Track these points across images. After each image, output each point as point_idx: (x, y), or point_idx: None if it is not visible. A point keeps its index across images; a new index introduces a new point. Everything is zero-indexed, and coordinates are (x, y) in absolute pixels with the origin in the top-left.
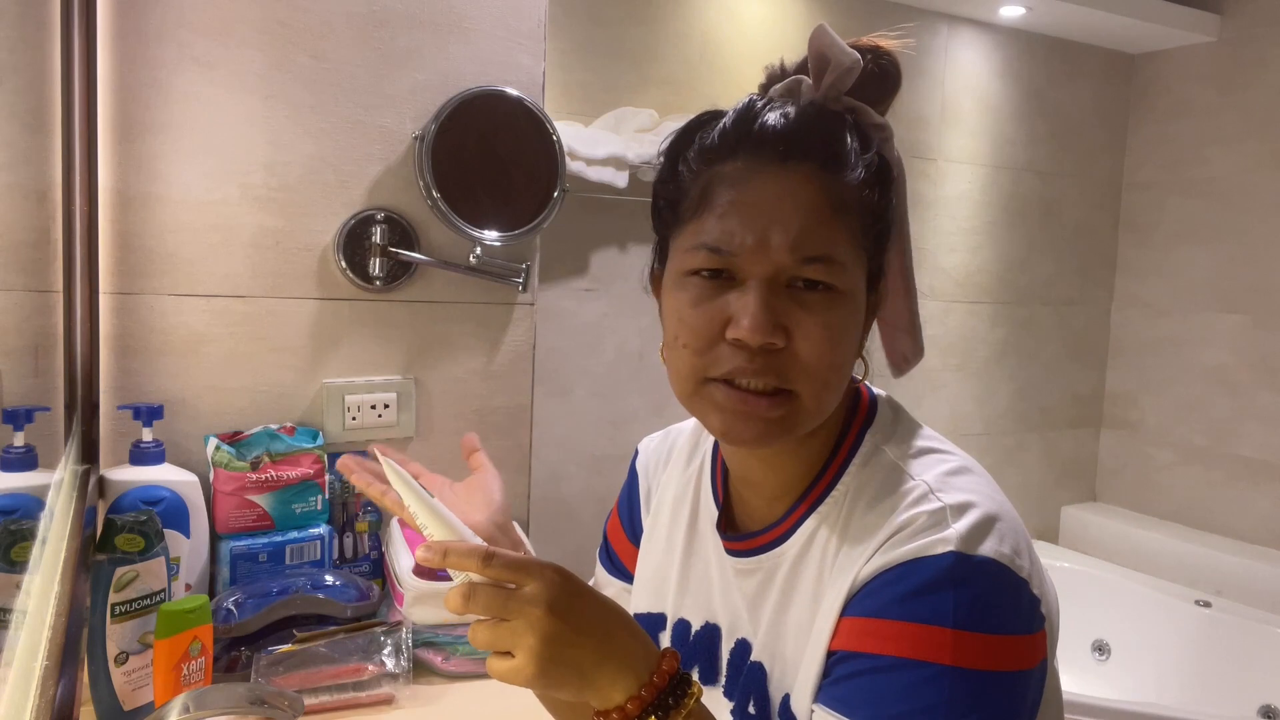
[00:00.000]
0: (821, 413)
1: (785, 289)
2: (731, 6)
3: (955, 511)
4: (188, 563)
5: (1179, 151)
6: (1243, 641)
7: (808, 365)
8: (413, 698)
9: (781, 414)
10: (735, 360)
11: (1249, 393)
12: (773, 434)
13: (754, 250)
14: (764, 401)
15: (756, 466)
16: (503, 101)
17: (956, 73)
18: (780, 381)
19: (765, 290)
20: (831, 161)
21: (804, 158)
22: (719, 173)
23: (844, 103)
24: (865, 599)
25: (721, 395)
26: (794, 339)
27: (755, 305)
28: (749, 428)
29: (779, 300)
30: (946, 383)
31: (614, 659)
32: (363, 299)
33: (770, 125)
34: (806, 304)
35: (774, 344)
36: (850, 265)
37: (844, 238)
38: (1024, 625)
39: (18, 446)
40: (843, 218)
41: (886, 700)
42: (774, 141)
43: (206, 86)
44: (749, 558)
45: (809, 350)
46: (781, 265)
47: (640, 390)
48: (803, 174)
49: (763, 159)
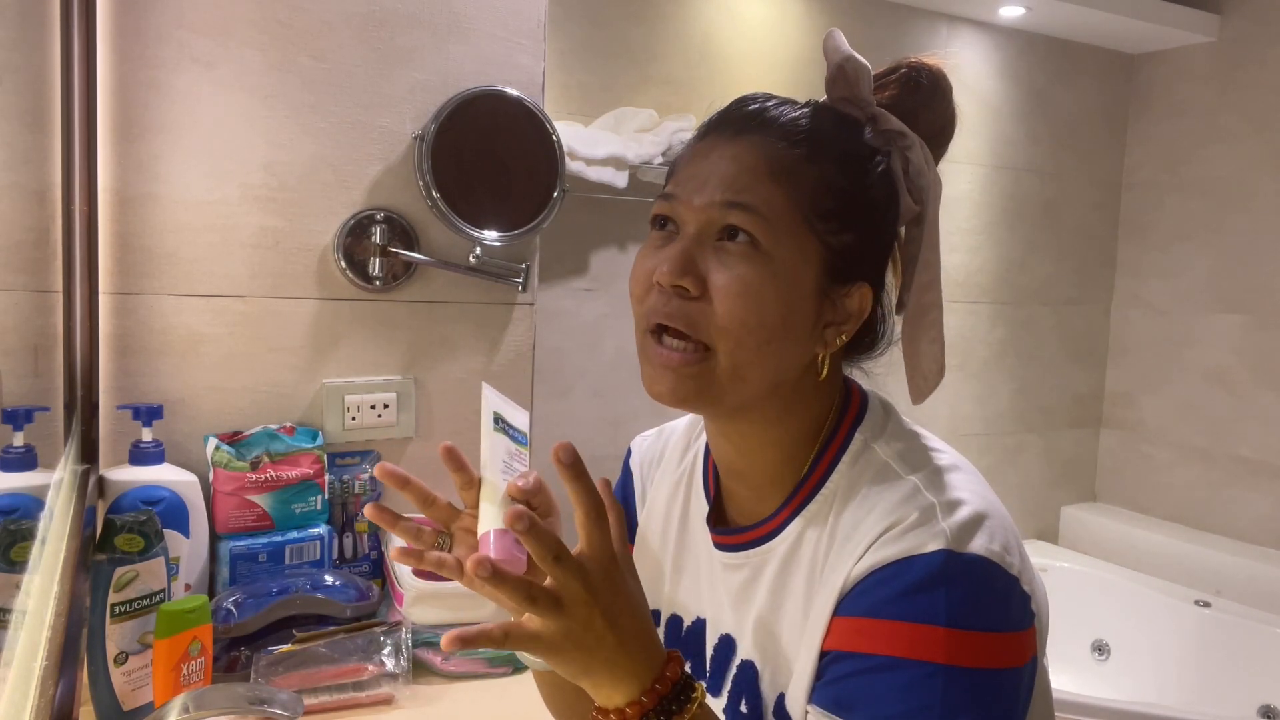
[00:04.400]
0: (741, 378)
1: (714, 243)
2: (731, 6)
3: (946, 509)
4: (187, 563)
5: (1179, 151)
6: (1243, 641)
7: (719, 318)
8: (412, 698)
9: (696, 370)
10: (656, 304)
11: (1249, 393)
12: (689, 391)
13: (690, 194)
14: (677, 356)
15: (736, 454)
16: (502, 101)
17: (956, 73)
18: (691, 330)
19: (690, 241)
20: (786, 136)
21: (757, 130)
22: (692, 148)
23: (865, 109)
24: (857, 598)
25: (651, 350)
26: (709, 289)
27: (674, 250)
28: (665, 380)
29: (702, 251)
30: (946, 383)
31: (623, 663)
32: (362, 299)
33: (743, 108)
34: (725, 255)
35: (684, 287)
36: (780, 227)
37: (780, 201)
38: (1015, 622)
39: (17, 446)
40: (783, 182)
41: (882, 700)
42: (736, 121)
43: (206, 86)
44: (737, 552)
45: (722, 302)
46: (710, 217)
47: (640, 390)
48: (750, 141)
49: (723, 134)
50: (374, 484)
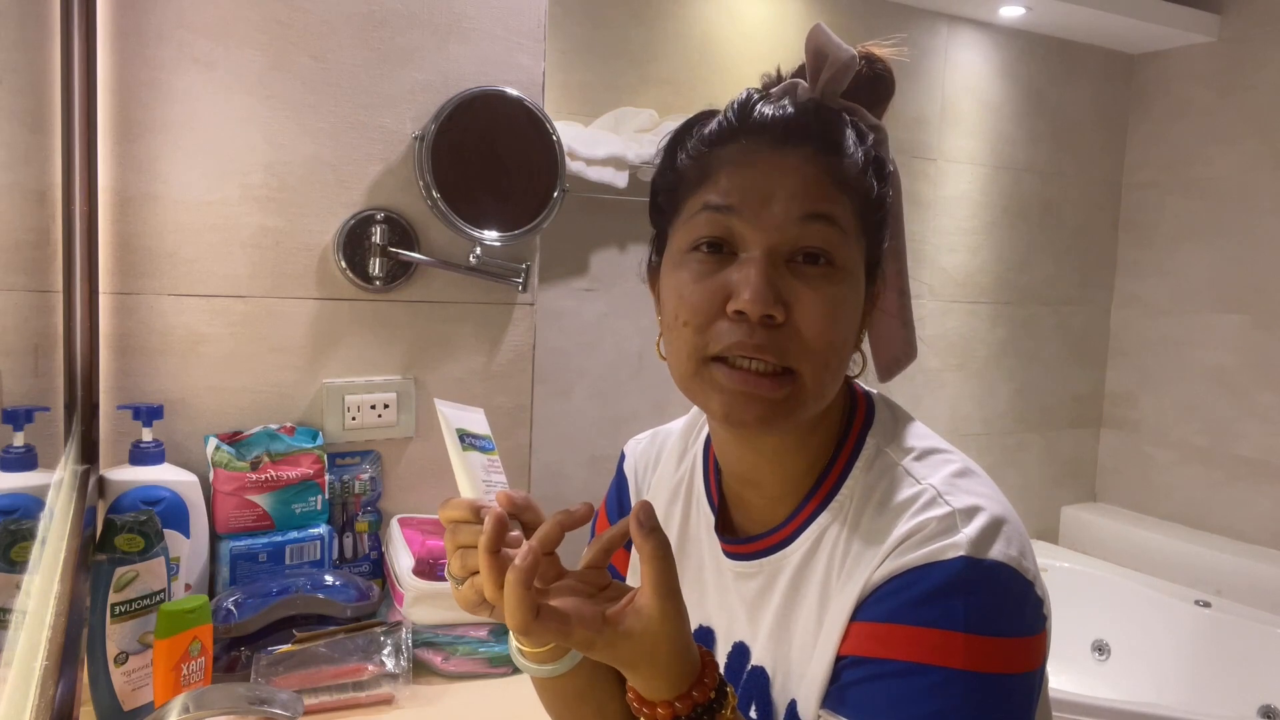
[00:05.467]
0: (822, 397)
1: (786, 264)
2: (731, 6)
3: (964, 516)
4: (187, 563)
5: (1179, 151)
6: (1243, 641)
7: (807, 342)
8: (412, 698)
9: (784, 394)
10: (735, 335)
11: (1249, 393)
12: (775, 416)
13: (756, 210)
14: (766, 381)
15: (761, 464)
16: (503, 101)
17: (956, 73)
18: (779, 359)
19: (765, 262)
20: (829, 146)
21: (801, 141)
22: (719, 155)
23: (840, 103)
24: (876, 604)
25: (723, 376)
26: (793, 314)
27: (756, 276)
28: (751, 409)
29: (779, 274)
30: (946, 383)
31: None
32: (363, 299)
33: (768, 113)
34: (807, 278)
35: (774, 316)
36: (851, 239)
37: (845, 211)
38: (1031, 627)
39: (18, 446)
40: (844, 193)
41: (899, 705)
42: (772, 127)
43: (206, 86)
44: (750, 561)
45: (809, 326)
46: (783, 233)
47: (640, 390)
48: (802, 155)
49: (762, 142)
50: (374, 484)
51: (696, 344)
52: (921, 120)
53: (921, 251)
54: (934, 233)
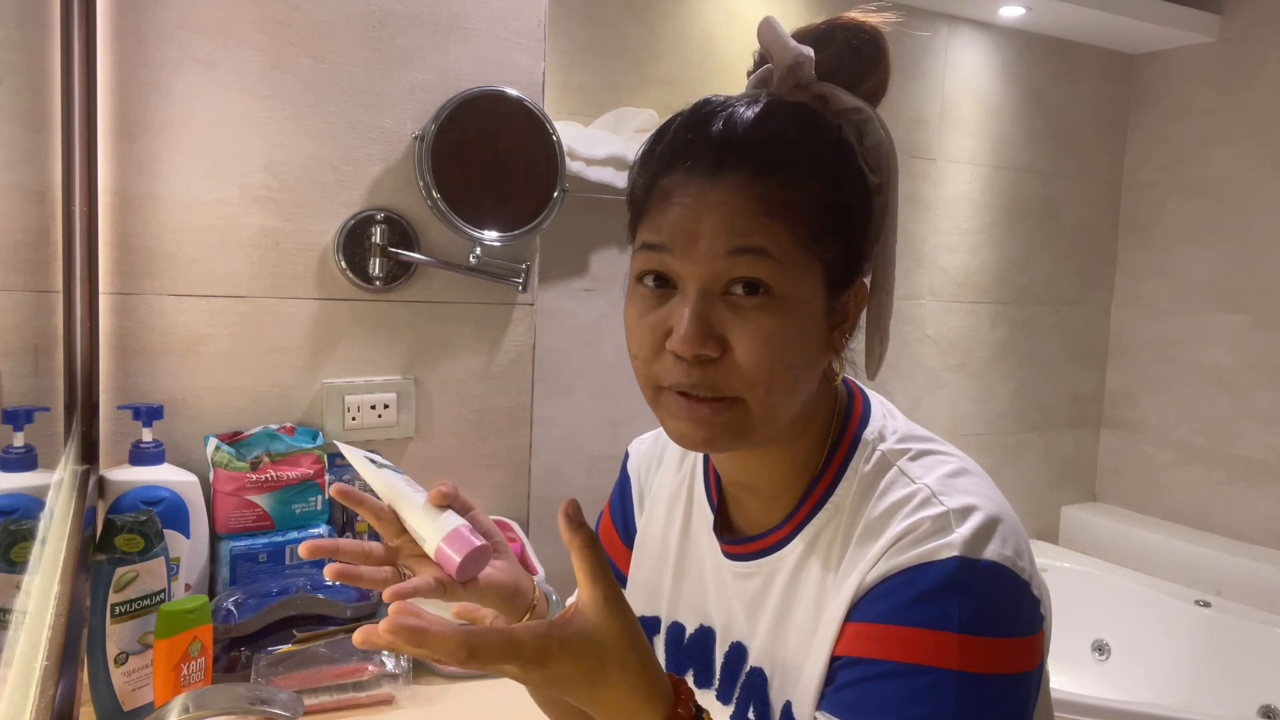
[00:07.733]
0: (774, 418)
1: (723, 296)
2: (731, 6)
3: (958, 516)
4: (188, 563)
5: (1179, 151)
6: (1243, 641)
7: (747, 374)
8: (413, 698)
9: (728, 419)
10: (676, 373)
11: (1249, 393)
12: (722, 439)
13: (685, 248)
14: (707, 407)
15: (752, 468)
16: (502, 102)
17: (956, 73)
18: (720, 391)
19: (699, 299)
20: (767, 166)
21: (738, 165)
22: (660, 185)
23: (812, 90)
24: (870, 604)
25: (673, 403)
26: (732, 348)
27: (687, 316)
28: (698, 432)
29: (714, 309)
30: (946, 383)
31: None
32: (363, 299)
33: (708, 135)
34: (743, 310)
35: (707, 354)
36: (791, 265)
37: (783, 237)
38: (1026, 627)
39: (18, 446)
40: (781, 218)
41: (893, 706)
42: (708, 153)
43: (206, 86)
44: (749, 561)
45: (747, 357)
46: (711, 268)
47: (640, 390)
48: (733, 183)
49: (698, 170)
50: None
51: (648, 375)
52: (921, 120)
53: (921, 251)
54: (934, 233)
